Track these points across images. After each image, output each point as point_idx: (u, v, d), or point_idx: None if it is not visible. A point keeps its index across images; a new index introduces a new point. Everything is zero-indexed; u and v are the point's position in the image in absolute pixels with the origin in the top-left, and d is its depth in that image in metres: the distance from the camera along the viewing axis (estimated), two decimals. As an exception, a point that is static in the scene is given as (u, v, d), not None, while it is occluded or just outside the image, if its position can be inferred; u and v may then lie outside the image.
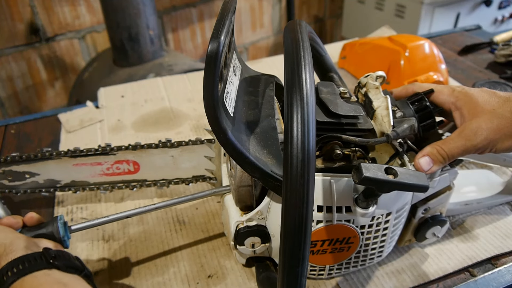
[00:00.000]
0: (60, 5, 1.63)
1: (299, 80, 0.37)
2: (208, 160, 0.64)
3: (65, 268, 0.45)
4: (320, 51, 0.61)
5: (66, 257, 0.46)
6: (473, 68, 1.12)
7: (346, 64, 1.13)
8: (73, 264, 0.46)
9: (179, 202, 0.57)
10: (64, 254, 0.46)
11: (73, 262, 0.47)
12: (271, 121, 0.50)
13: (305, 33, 0.43)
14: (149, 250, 0.62)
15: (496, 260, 0.60)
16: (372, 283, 0.57)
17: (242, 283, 0.57)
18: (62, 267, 0.44)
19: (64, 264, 0.45)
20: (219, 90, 0.41)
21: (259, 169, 0.44)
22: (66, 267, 0.45)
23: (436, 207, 0.56)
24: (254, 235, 0.50)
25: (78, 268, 0.46)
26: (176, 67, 1.41)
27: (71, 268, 0.45)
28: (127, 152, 0.63)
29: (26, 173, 0.64)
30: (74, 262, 0.47)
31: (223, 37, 0.39)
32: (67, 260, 0.46)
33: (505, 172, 0.75)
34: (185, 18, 1.95)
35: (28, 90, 1.74)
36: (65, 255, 0.46)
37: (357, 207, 0.47)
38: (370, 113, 0.53)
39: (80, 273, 0.46)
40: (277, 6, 2.21)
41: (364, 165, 0.41)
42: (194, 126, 0.91)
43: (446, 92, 0.53)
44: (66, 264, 0.45)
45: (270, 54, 2.34)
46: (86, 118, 0.93)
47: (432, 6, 1.76)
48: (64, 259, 0.46)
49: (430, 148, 0.49)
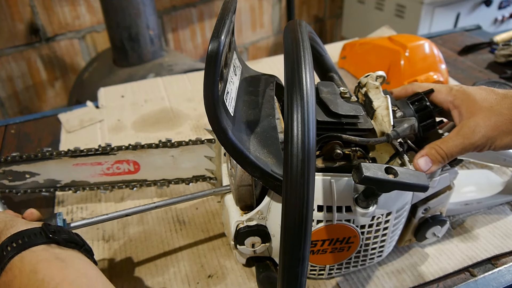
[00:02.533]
0: (60, 5, 1.63)
1: (299, 79, 0.37)
2: (208, 160, 0.64)
3: (65, 242, 0.44)
4: (320, 51, 0.61)
5: (66, 231, 0.46)
6: (473, 68, 1.12)
7: (346, 64, 1.13)
8: (72, 238, 0.46)
9: (179, 201, 0.57)
10: (63, 229, 0.46)
11: (72, 236, 0.46)
12: (271, 121, 0.50)
13: (305, 33, 0.43)
14: (149, 250, 0.62)
15: (496, 260, 0.60)
16: (372, 283, 0.57)
17: (242, 283, 0.57)
18: (62, 242, 0.44)
19: (64, 238, 0.44)
20: (220, 90, 0.41)
21: (259, 169, 0.44)
22: (65, 241, 0.44)
23: (436, 207, 0.56)
24: (254, 234, 0.50)
25: (78, 243, 0.46)
26: (176, 67, 1.41)
27: (70, 242, 0.45)
28: (127, 152, 0.63)
29: (26, 173, 0.64)
30: (73, 237, 0.46)
31: (223, 37, 0.39)
32: (66, 234, 0.45)
33: (505, 172, 0.75)
34: (185, 18, 1.95)
35: (28, 90, 1.74)
36: (64, 230, 0.46)
37: (357, 207, 0.47)
38: (370, 113, 0.53)
39: (80, 248, 0.46)
40: (277, 6, 2.21)
41: (364, 165, 0.41)
42: (194, 126, 0.91)
43: (444, 91, 0.53)
44: (66, 238, 0.45)
45: (270, 54, 2.34)
46: (86, 118, 0.93)
47: (432, 6, 1.76)
48: (64, 233, 0.45)
49: (429, 148, 0.49)
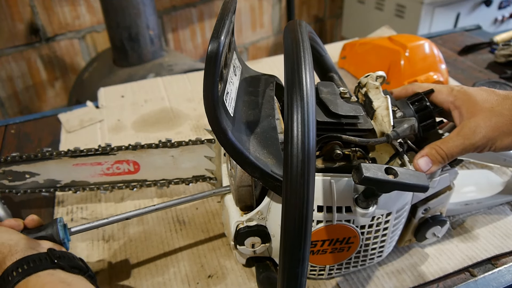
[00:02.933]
0: (60, 5, 1.63)
1: (299, 80, 0.37)
2: (208, 160, 0.64)
3: (69, 268, 0.45)
4: (320, 51, 0.61)
5: (70, 257, 0.47)
6: (473, 68, 1.12)
7: (346, 64, 1.13)
8: (77, 264, 0.47)
9: (179, 203, 0.57)
10: (68, 255, 0.47)
11: (77, 262, 0.47)
12: (271, 121, 0.49)
13: (305, 33, 0.43)
14: (149, 250, 0.62)
15: (496, 260, 0.60)
16: (372, 283, 0.57)
17: (242, 283, 0.57)
18: (66, 267, 0.45)
19: (68, 264, 0.45)
20: (219, 90, 0.41)
21: (259, 169, 0.44)
22: (70, 267, 0.45)
23: (436, 207, 0.56)
24: (254, 235, 0.50)
25: (82, 268, 0.47)
26: (176, 67, 1.41)
27: (75, 268, 0.46)
28: (127, 152, 0.63)
29: (26, 173, 0.64)
30: (78, 263, 0.47)
31: (223, 37, 0.39)
32: (71, 260, 0.46)
33: (505, 172, 0.75)
34: (185, 18, 1.95)
35: (28, 90, 1.74)
36: (69, 256, 0.47)
37: (357, 207, 0.47)
38: (370, 113, 0.53)
39: (84, 273, 0.47)
40: (277, 6, 2.21)
41: (364, 165, 0.41)
42: (194, 126, 0.91)
43: (445, 91, 0.53)
44: (70, 264, 0.45)
45: (270, 54, 2.34)
46: (86, 118, 0.93)
47: (432, 6, 1.76)
48: (68, 259, 0.46)
49: (429, 149, 0.49)
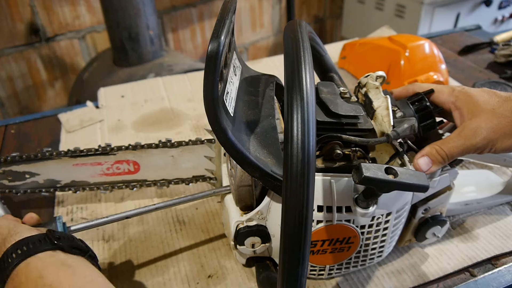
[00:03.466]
0: (60, 5, 1.63)
1: (299, 80, 0.37)
2: (208, 160, 0.64)
3: (70, 249, 0.44)
4: (320, 51, 0.61)
5: (70, 238, 0.46)
6: (473, 68, 1.12)
7: (346, 64, 1.13)
8: (77, 245, 0.46)
9: (179, 202, 0.57)
10: (68, 236, 0.46)
11: (77, 243, 0.46)
12: (271, 121, 0.49)
13: (305, 33, 0.43)
14: (149, 250, 0.62)
15: (496, 260, 0.60)
16: (372, 283, 0.57)
17: (242, 283, 0.57)
18: (67, 248, 0.44)
19: (68, 245, 0.44)
20: (219, 90, 0.41)
21: (259, 169, 0.44)
22: (70, 248, 0.44)
23: (436, 207, 0.56)
24: (254, 235, 0.50)
25: (83, 249, 0.46)
26: (176, 67, 1.41)
27: (75, 249, 0.45)
28: (127, 152, 0.63)
29: (26, 173, 0.64)
30: (78, 243, 0.46)
31: (223, 37, 0.39)
32: (71, 241, 0.45)
33: (505, 172, 0.75)
34: (185, 18, 1.95)
35: (28, 90, 1.74)
36: (68, 236, 0.46)
37: (357, 207, 0.47)
38: (370, 113, 0.53)
39: (85, 254, 0.46)
40: (277, 6, 2.21)
41: (364, 165, 0.41)
42: (194, 126, 0.91)
43: (446, 92, 0.53)
44: (70, 245, 0.45)
45: (270, 54, 2.34)
46: (86, 118, 0.93)
47: (432, 6, 1.76)
48: (68, 240, 0.45)
49: (429, 148, 0.49)
